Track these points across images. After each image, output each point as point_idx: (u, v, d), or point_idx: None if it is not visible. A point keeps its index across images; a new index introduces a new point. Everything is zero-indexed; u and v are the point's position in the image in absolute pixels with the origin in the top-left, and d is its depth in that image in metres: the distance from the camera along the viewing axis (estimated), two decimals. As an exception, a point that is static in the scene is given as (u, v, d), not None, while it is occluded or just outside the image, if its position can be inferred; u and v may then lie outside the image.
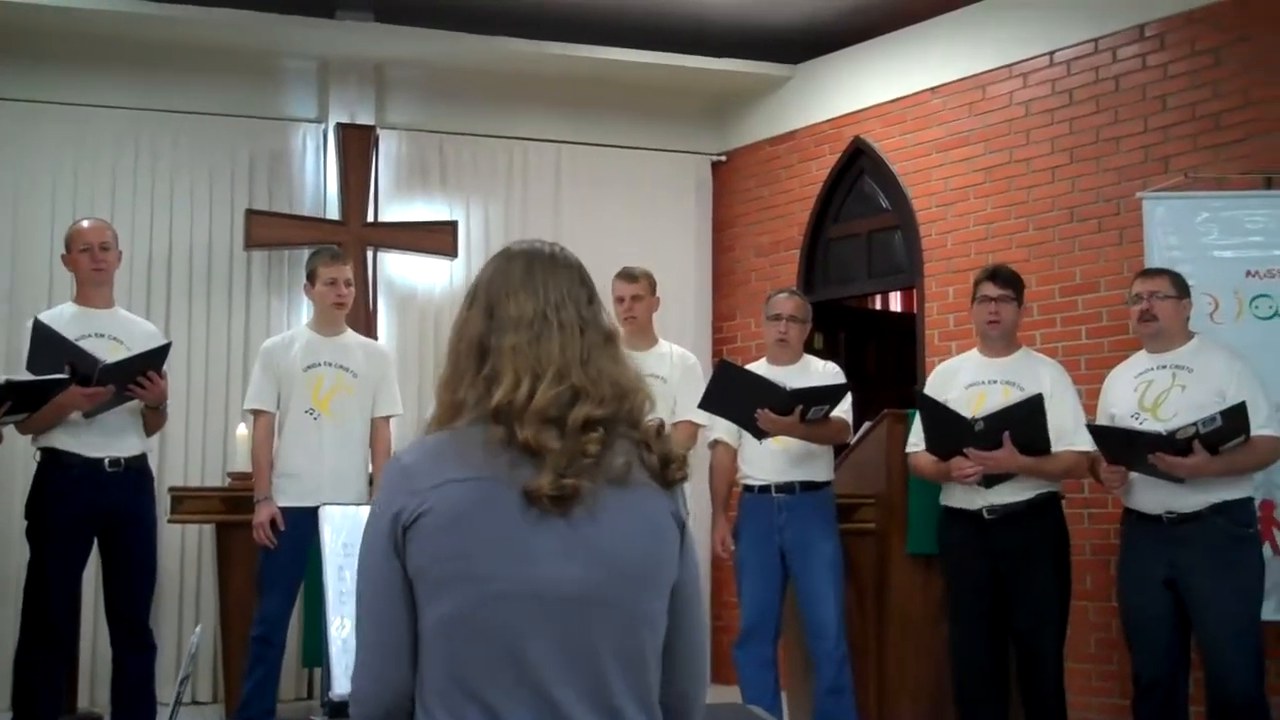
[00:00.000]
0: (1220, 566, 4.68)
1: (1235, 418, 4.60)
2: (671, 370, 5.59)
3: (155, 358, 5.13)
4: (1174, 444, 4.61)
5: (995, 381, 5.18)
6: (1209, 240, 5.66)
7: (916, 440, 5.26)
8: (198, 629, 3.41)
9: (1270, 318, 5.53)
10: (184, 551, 7.06)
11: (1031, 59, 6.89)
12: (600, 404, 1.90)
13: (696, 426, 5.56)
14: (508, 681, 1.82)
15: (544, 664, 1.82)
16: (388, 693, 1.88)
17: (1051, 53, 6.81)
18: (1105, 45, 6.58)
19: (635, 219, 8.05)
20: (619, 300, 5.60)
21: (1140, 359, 5.02)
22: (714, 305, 8.47)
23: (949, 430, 5.03)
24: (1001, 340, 5.26)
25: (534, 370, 1.89)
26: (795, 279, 7.87)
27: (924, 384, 5.72)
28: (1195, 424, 4.58)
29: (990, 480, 5.01)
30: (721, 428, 5.57)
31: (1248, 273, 5.59)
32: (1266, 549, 5.19)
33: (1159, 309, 4.90)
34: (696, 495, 5.87)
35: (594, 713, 1.84)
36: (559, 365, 1.90)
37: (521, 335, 1.92)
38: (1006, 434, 4.90)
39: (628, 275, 5.68)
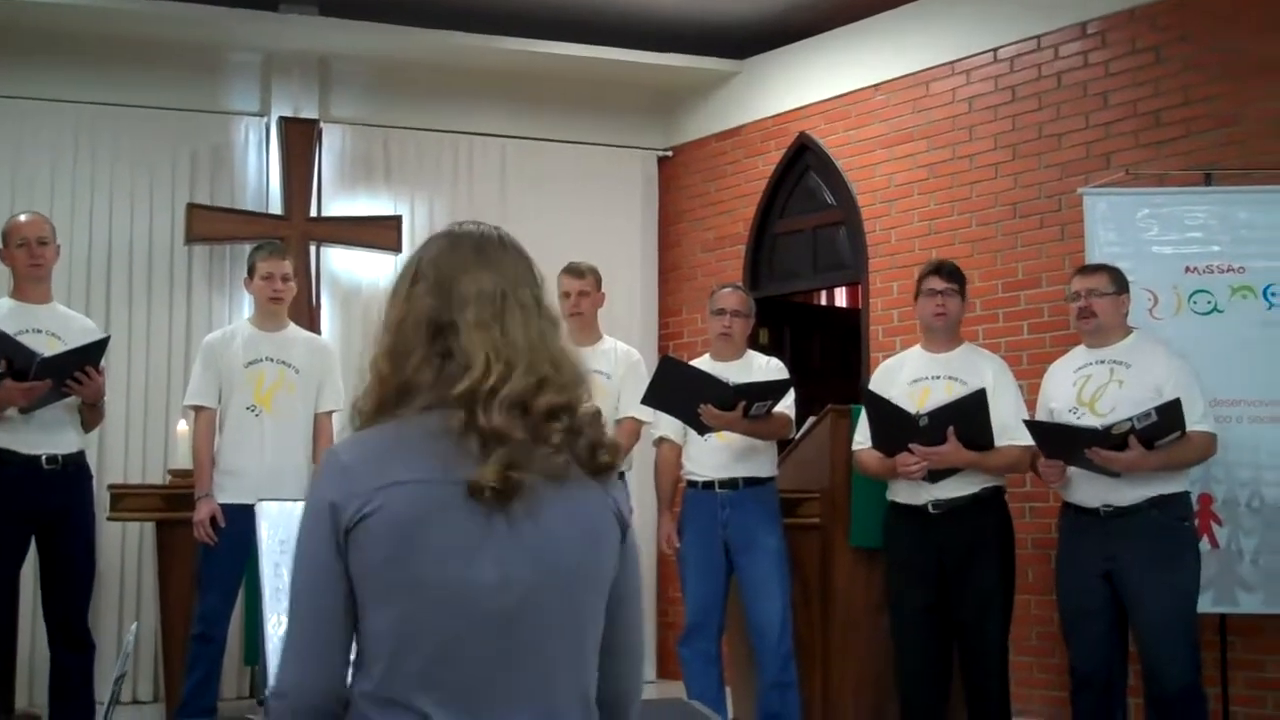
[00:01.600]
0: (1157, 560, 4.73)
1: (1171, 413, 4.64)
2: (615, 366, 5.59)
3: (93, 352, 5.08)
4: (1111, 439, 4.65)
5: (939, 376, 5.20)
6: (1149, 236, 5.71)
7: (862, 438, 5.27)
8: (133, 628, 3.38)
9: (1208, 313, 5.59)
10: (124, 549, 6.99)
11: (974, 55, 6.93)
12: (562, 390, 1.87)
13: (640, 423, 5.56)
14: (445, 686, 1.79)
15: (482, 669, 1.80)
16: (316, 689, 1.83)
17: (994, 49, 6.85)
18: (1047, 42, 6.63)
19: (581, 214, 8.03)
20: (565, 295, 5.59)
21: (1079, 354, 5.07)
22: (660, 301, 8.47)
23: (894, 426, 5.04)
24: (946, 334, 5.28)
25: (505, 352, 1.84)
26: (741, 274, 7.89)
27: (868, 380, 5.74)
28: (1131, 419, 4.62)
29: (935, 475, 5.03)
30: (666, 425, 5.58)
31: (1187, 269, 5.64)
32: (1204, 542, 5.25)
33: (1097, 305, 4.94)
34: (642, 492, 5.90)
35: (531, 717, 1.82)
36: (529, 353, 1.86)
37: (485, 311, 1.87)
38: (950, 429, 4.93)
39: (574, 270, 5.68)
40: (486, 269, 1.91)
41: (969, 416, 4.94)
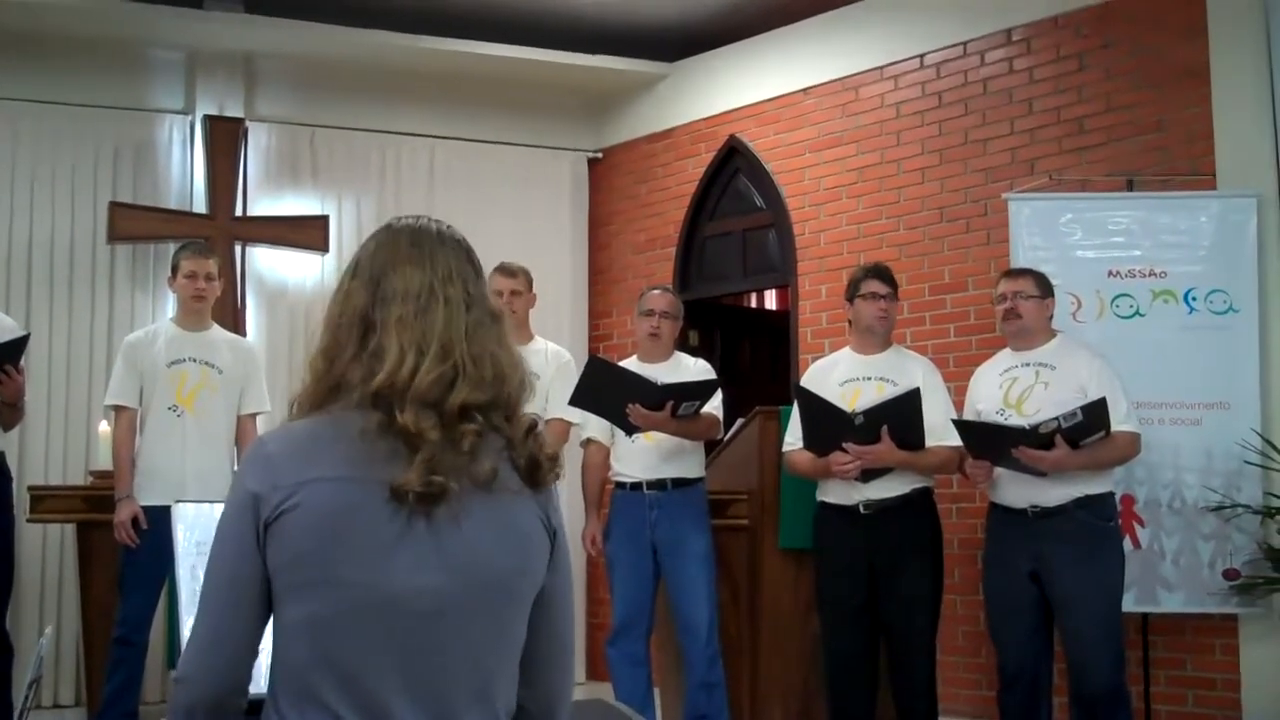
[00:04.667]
0: (1083, 560, 4.78)
1: (1096, 413, 4.70)
2: (545, 367, 5.57)
3: (12, 351, 5.00)
4: (1036, 438, 4.69)
5: (870, 378, 5.22)
6: (1072, 241, 5.79)
7: (793, 438, 5.27)
8: (48, 631, 3.33)
9: (1130, 317, 5.67)
10: (44, 552, 6.87)
11: (902, 61, 6.99)
12: (479, 387, 1.84)
13: (568, 424, 5.55)
14: (355, 689, 1.78)
15: (393, 674, 1.79)
16: (219, 678, 1.82)
17: (921, 55, 6.91)
18: (974, 49, 6.69)
19: (511, 216, 8.01)
20: (498, 294, 5.57)
21: (1004, 357, 5.12)
22: (590, 302, 8.46)
23: (828, 424, 5.05)
24: (883, 337, 5.31)
25: (419, 345, 1.83)
26: (671, 276, 7.90)
27: (799, 381, 5.75)
28: (1057, 419, 4.67)
29: (868, 475, 5.04)
30: (594, 426, 5.56)
31: (1109, 273, 5.72)
32: (1127, 542, 5.32)
33: (1022, 308, 5.00)
34: (569, 493, 5.88)
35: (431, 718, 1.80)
36: (443, 340, 1.84)
37: (408, 307, 1.85)
38: (885, 428, 4.95)
39: (506, 270, 5.67)
40: (416, 264, 1.90)
41: (903, 415, 4.96)
